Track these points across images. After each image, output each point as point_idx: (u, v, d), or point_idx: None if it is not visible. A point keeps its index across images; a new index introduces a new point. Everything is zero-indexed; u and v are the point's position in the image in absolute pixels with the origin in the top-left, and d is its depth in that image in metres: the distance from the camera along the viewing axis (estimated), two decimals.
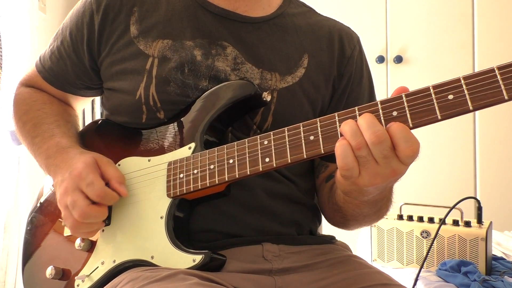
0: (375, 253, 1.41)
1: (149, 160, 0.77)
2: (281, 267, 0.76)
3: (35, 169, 0.90)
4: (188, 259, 0.69)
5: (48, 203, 0.89)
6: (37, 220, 0.89)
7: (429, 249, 1.20)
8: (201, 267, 0.69)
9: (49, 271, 0.80)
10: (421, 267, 1.19)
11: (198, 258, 0.69)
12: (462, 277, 1.17)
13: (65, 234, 0.83)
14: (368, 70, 0.93)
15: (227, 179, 0.69)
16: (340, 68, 0.87)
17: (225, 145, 0.71)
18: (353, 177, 0.60)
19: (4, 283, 1.73)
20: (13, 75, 1.78)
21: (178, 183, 0.73)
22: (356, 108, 0.61)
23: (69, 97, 0.93)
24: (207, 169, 0.71)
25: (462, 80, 0.55)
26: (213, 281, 0.67)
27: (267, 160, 0.66)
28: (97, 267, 0.76)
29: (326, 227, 0.93)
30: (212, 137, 0.76)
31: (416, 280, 1.17)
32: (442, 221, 1.24)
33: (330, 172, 0.86)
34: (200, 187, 0.71)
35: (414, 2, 2.35)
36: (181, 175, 0.73)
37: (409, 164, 0.59)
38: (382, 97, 0.61)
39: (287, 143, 0.65)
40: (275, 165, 0.66)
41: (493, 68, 0.54)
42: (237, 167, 0.69)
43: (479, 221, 1.31)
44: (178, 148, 0.76)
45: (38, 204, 0.90)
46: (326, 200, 0.85)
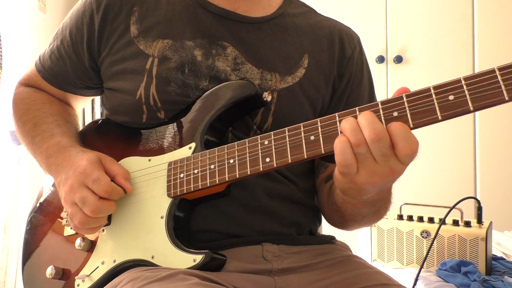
0: (375, 253, 1.41)
1: (149, 160, 0.77)
2: (281, 267, 0.76)
3: (35, 169, 0.89)
4: (189, 259, 0.69)
5: (48, 203, 0.89)
6: (37, 220, 0.89)
7: (429, 249, 1.20)
8: (201, 267, 0.69)
9: (49, 271, 0.80)
10: (421, 267, 1.19)
11: (199, 258, 0.69)
12: (462, 277, 1.17)
13: (65, 234, 0.83)
14: (369, 70, 0.93)
15: (227, 179, 0.69)
16: (340, 68, 0.87)
17: (225, 145, 0.71)
18: (351, 174, 0.60)
19: (4, 283, 1.73)
20: (13, 75, 1.78)
21: (179, 183, 0.73)
22: (357, 109, 0.61)
23: (68, 96, 0.93)
24: (208, 169, 0.71)
25: (462, 80, 0.55)
26: (213, 281, 0.67)
27: (268, 160, 0.66)
28: (97, 267, 0.76)
29: (326, 227, 0.93)
30: (213, 137, 0.76)
31: (416, 280, 1.17)
32: (442, 221, 1.24)
33: (330, 172, 0.86)
34: (200, 187, 0.71)
35: (414, 2, 2.35)
36: (182, 175, 0.73)
37: (408, 164, 0.59)
38: (382, 97, 0.61)
39: (288, 143, 0.65)
40: (275, 165, 0.66)
41: (493, 69, 0.54)
42: (237, 167, 0.69)
43: (479, 221, 1.31)
44: (178, 148, 0.76)
45: (38, 204, 0.90)
46: (325, 200, 0.85)
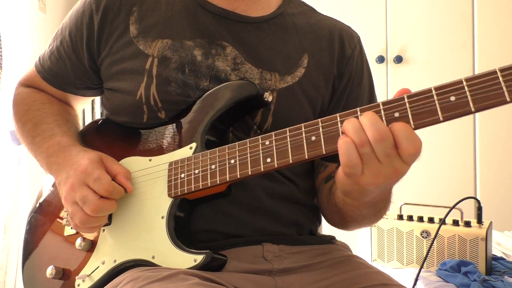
0: (375, 253, 1.41)
1: (150, 160, 0.77)
2: (281, 268, 0.76)
3: (35, 169, 0.89)
4: (189, 259, 0.69)
5: (47, 203, 0.89)
6: (37, 220, 0.89)
7: (429, 249, 1.20)
8: (202, 267, 0.69)
9: (50, 271, 0.80)
10: (421, 267, 1.19)
11: (199, 258, 0.69)
12: (462, 277, 1.17)
13: (66, 234, 0.83)
14: (369, 70, 0.93)
15: (228, 179, 0.69)
16: (340, 67, 0.87)
17: (226, 145, 0.71)
18: (356, 175, 0.60)
19: (4, 283, 1.72)
20: (13, 75, 1.78)
21: (179, 183, 0.73)
22: (358, 109, 0.61)
23: (68, 97, 0.93)
24: (208, 169, 0.71)
25: (464, 81, 0.55)
26: (213, 281, 0.67)
27: (269, 160, 0.66)
28: (98, 266, 0.76)
29: (326, 227, 0.93)
30: (213, 137, 0.76)
31: (416, 280, 1.17)
32: (442, 221, 1.24)
33: (330, 172, 0.86)
34: (201, 187, 0.71)
35: (414, 2, 2.35)
36: (182, 175, 0.73)
37: (411, 164, 0.59)
38: (382, 97, 0.61)
39: (289, 143, 0.65)
40: (276, 165, 0.66)
41: (495, 70, 0.54)
42: (238, 167, 0.69)
43: (479, 221, 1.31)
44: (179, 148, 0.76)
45: (38, 204, 0.90)
46: (325, 201, 0.85)
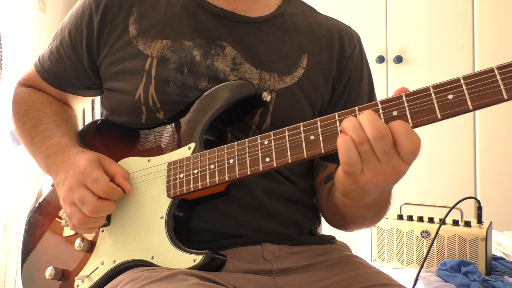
0: (375, 253, 1.41)
1: (149, 160, 0.77)
2: (281, 268, 0.76)
3: (35, 169, 0.89)
4: (189, 259, 0.69)
5: (47, 203, 0.89)
6: (36, 220, 0.89)
7: (429, 249, 1.20)
8: (201, 267, 0.68)
9: (49, 272, 0.79)
10: (421, 267, 1.19)
11: (199, 258, 0.69)
12: (462, 277, 1.17)
13: (65, 234, 0.82)
14: (369, 70, 0.92)
15: (227, 179, 0.69)
16: (340, 67, 0.87)
17: (225, 145, 0.71)
18: (355, 173, 0.60)
19: (4, 283, 1.73)
20: (13, 75, 1.78)
21: (178, 183, 0.73)
22: (356, 108, 0.61)
23: (68, 97, 0.93)
24: (207, 169, 0.71)
25: (461, 80, 0.55)
26: (213, 281, 0.67)
27: (268, 160, 0.66)
28: (97, 267, 0.75)
29: (326, 227, 0.93)
30: (212, 137, 0.76)
31: (416, 280, 1.17)
32: (442, 221, 1.24)
33: (329, 172, 0.86)
34: (200, 187, 0.71)
35: (414, 2, 2.35)
36: (181, 175, 0.73)
37: (410, 163, 0.59)
38: (382, 97, 0.61)
39: (288, 143, 0.65)
40: (275, 165, 0.66)
41: (492, 68, 0.54)
42: (237, 166, 0.69)
43: (479, 221, 1.31)
44: (178, 148, 0.76)
45: (37, 205, 0.90)
46: (324, 201, 0.85)
